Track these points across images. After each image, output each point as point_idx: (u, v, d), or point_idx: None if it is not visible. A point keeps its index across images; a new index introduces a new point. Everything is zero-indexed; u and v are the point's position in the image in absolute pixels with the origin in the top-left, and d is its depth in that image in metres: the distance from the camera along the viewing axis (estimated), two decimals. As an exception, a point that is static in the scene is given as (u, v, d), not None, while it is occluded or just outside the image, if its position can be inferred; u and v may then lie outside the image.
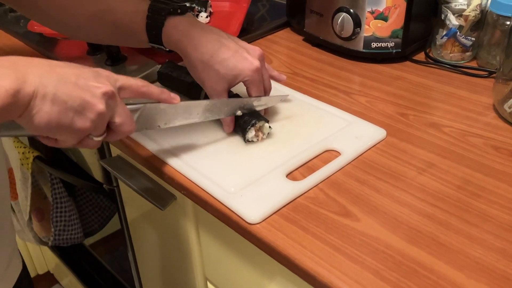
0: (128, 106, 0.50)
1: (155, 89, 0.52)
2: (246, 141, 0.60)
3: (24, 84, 0.40)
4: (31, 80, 0.41)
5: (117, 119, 0.48)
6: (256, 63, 0.59)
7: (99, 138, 0.48)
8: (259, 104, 0.63)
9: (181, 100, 0.55)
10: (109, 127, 0.48)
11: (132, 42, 0.69)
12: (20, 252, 0.67)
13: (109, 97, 0.46)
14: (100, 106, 0.45)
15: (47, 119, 0.42)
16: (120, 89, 0.48)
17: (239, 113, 0.61)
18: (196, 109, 0.58)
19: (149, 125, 0.54)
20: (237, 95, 0.63)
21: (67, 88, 0.43)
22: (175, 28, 0.61)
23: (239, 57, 0.59)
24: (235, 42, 0.60)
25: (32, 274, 1.55)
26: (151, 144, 0.62)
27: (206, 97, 0.65)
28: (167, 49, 0.63)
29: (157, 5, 0.62)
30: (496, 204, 0.51)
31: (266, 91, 0.63)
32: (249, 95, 0.62)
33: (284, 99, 0.67)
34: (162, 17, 0.61)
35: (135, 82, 0.50)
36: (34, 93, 0.41)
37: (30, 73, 0.41)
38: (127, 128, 0.49)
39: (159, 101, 0.53)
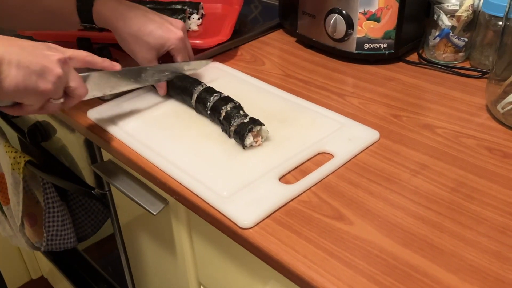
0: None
1: (98, 58, 0.60)
2: (245, 147, 0.59)
3: None
4: None
5: (72, 83, 0.55)
6: (180, 33, 0.68)
7: (59, 101, 0.55)
8: (189, 68, 0.71)
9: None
10: (66, 93, 0.56)
11: (64, 26, 0.74)
12: None
13: (63, 63, 0.53)
14: (58, 69, 0.52)
15: (15, 82, 0.49)
16: (70, 58, 0.55)
17: (169, 77, 0.68)
18: (136, 75, 0.66)
19: (97, 91, 0.62)
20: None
21: (28, 56, 0.50)
22: (104, 6, 0.67)
23: (165, 28, 0.67)
24: (159, 16, 0.69)
25: (26, 279, 1.54)
26: (142, 149, 0.61)
27: (197, 97, 0.65)
28: (97, 27, 0.69)
29: None
30: (489, 206, 0.51)
31: (190, 58, 0.72)
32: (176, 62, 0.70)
33: (208, 63, 0.75)
34: None
35: (81, 53, 0.57)
36: (1, 60, 0.48)
37: None
38: (81, 91, 0.57)
39: (103, 69, 0.61)
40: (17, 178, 0.93)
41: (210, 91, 0.65)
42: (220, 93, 0.65)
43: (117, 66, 0.62)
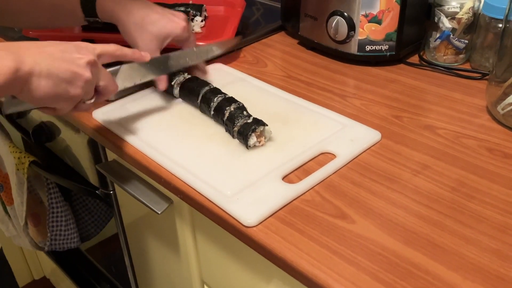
0: (108, 69, 0.58)
1: (128, 51, 0.60)
2: (249, 147, 0.60)
3: (21, 64, 0.47)
4: (27, 60, 0.48)
5: (102, 83, 0.56)
6: (182, 23, 0.69)
7: (90, 101, 0.56)
8: (218, 48, 0.73)
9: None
10: (96, 90, 0.56)
11: (69, 22, 0.75)
12: (5, 258, 0.67)
13: (92, 65, 0.53)
14: (87, 74, 0.53)
15: (46, 91, 0.50)
16: (99, 56, 0.55)
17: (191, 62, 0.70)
18: (163, 63, 0.67)
19: (128, 82, 0.63)
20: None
21: (57, 64, 0.50)
22: (107, 0, 0.68)
23: (167, 19, 0.68)
24: (161, 8, 0.70)
25: (28, 279, 1.55)
26: (147, 148, 0.62)
27: (203, 97, 0.66)
28: (102, 21, 0.70)
29: None
30: (489, 205, 0.52)
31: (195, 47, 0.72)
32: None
33: (238, 40, 0.78)
34: None
35: (110, 48, 0.58)
36: (31, 71, 0.48)
37: (24, 54, 0.48)
38: (111, 88, 0.58)
39: (133, 61, 0.62)
40: (21, 179, 0.94)
41: (215, 91, 0.66)
42: (225, 94, 0.66)
43: (147, 57, 0.63)
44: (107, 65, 0.58)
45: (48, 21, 0.74)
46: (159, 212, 0.65)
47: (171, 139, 0.63)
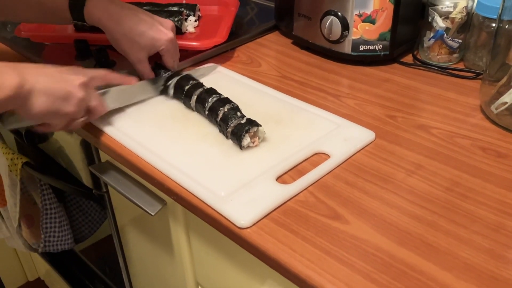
0: (98, 92, 0.64)
1: (116, 76, 0.66)
2: (242, 148, 0.60)
3: (24, 81, 0.53)
4: (29, 78, 0.54)
5: (93, 103, 0.61)
6: (170, 34, 0.71)
7: (82, 119, 0.61)
8: (198, 74, 0.75)
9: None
10: (87, 110, 0.61)
11: (57, 21, 0.77)
12: None
13: (85, 86, 0.59)
14: (80, 93, 0.58)
15: (42, 108, 0.55)
16: (91, 79, 0.61)
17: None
18: (149, 85, 0.71)
19: (115, 104, 0.67)
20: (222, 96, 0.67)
21: (53, 83, 0.56)
22: (96, 6, 0.69)
23: (155, 29, 0.70)
24: (150, 17, 0.71)
25: (23, 281, 1.54)
26: (140, 149, 0.61)
27: (197, 98, 0.66)
28: (89, 25, 0.71)
29: None
30: (483, 205, 0.52)
31: (177, 58, 0.75)
32: (165, 62, 0.73)
33: (216, 67, 0.80)
34: None
35: (100, 72, 0.64)
36: (32, 88, 0.54)
37: (27, 73, 0.54)
38: (100, 108, 0.63)
39: (120, 84, 0.67)
40: (14, 180, 0.93)
41: (210, 92, 0.66)
42: (220, 94, 0.65)
43: (133, 81, 0.68)
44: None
45: (36, 18, 0.75)
46: (153, 214, 0.65)
47: (165, 139, 0.63)
